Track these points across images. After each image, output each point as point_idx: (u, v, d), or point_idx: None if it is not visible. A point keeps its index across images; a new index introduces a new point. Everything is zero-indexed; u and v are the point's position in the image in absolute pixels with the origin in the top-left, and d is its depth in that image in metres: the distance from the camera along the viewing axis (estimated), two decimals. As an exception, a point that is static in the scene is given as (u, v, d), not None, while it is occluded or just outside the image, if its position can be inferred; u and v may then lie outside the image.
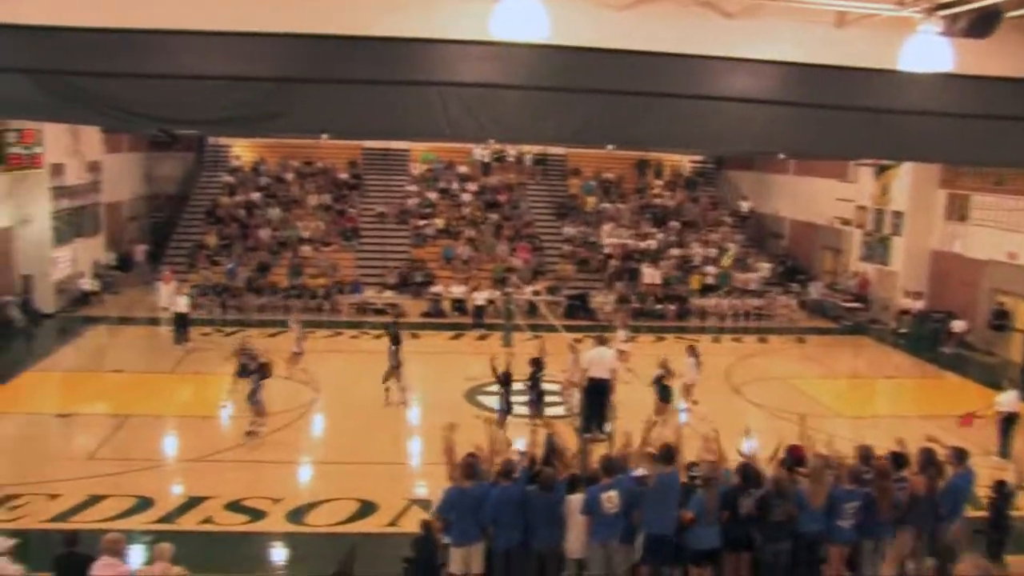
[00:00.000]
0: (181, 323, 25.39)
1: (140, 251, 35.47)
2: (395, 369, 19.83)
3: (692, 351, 19.70)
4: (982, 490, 12.43)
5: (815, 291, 34.51)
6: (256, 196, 37.36)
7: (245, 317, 29.40)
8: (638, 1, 11.59)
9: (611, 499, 10.14)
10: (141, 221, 38.96)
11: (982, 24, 10.40)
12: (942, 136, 13.35)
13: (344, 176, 39.39)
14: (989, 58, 11.79)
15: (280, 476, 15.93)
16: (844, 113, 12.80)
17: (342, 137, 30.68)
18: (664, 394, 18.51)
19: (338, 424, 19.22)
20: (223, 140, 39.71)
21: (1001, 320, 27.89)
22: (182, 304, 25.58)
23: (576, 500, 10.37)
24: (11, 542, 10.85)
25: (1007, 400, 18.29)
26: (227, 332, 26.88)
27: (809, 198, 37.66)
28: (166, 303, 27.79)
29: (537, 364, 18.44)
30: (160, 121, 13.34)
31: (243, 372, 17.85)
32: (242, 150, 40.48)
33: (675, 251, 35.75)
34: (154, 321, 28.00)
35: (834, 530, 10.71)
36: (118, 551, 9.01)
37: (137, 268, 34.65)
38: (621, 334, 22.15)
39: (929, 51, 10.78)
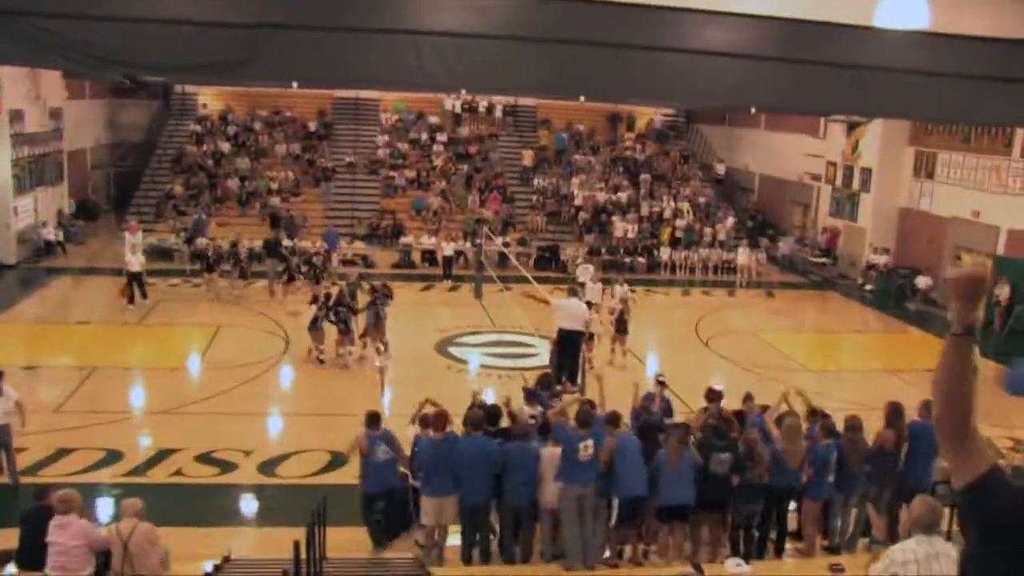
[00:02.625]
0: (136, 282, 23.69)
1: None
2: (373, 327, 19.55)
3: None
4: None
5: (785, 246, 34.70)
6: (224, 146, 36.88)
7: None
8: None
9: (588, 447, 10.17)
10: (105, 170, 38.41)
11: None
12: (916, 94, 13.36)
13: (313, 126, 38.94)
14: (963, 17, 11.78)
15: (251, 428, 15.86)
16: (818, 68, 12.76)
17: (313, 85, 30.20)
18: (620, 326, 19.80)
19: (309, 376, 19.15)
20: (190, 88, 39.01)
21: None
22: (135, 263, 23.85)
23: (550, 453, 10.40)
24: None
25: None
26: (194, 284, 26.61)
27: (779, 153, 37.68)
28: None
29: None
30: (127, 67, 13.00)
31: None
32: (209, 98, 39.78)
33: (645, 204, 35.76)
34: (120, 272, 27.67)
35: (820, 487, 10.75)
36: (70, 508, 8.62)
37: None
38: (591, 286, 22.20)
39: (905, 8, 10.74)
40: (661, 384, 12.98)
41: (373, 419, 11.12)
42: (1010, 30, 12.52)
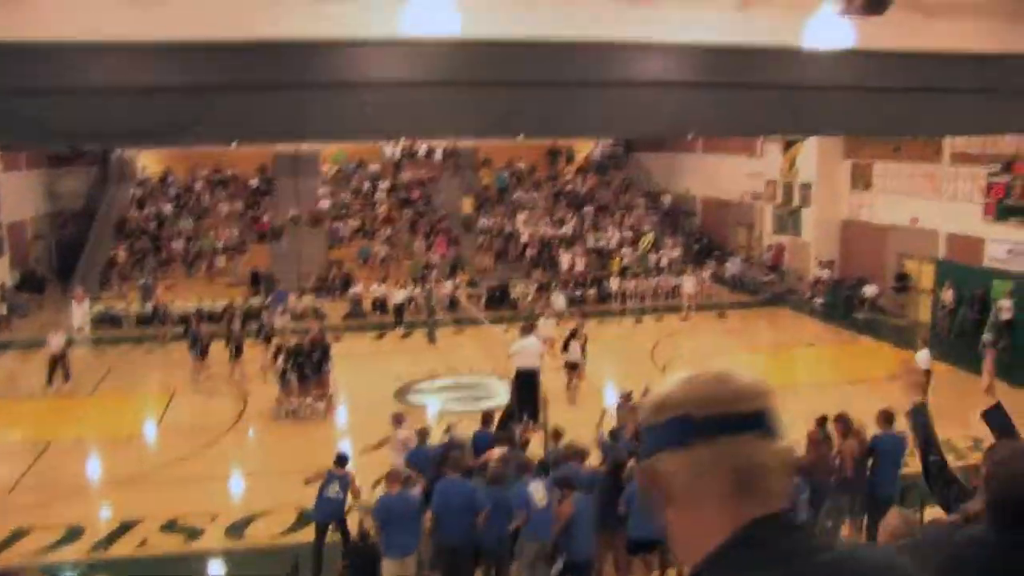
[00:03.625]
0: (59, 363, 21.87)
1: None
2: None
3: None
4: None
5: (732, 267, 35.12)
6: (166, 207, 36.60)
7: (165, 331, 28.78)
8: (544, -8, 11.65)
9: (537, 490, 10.12)
10: (47, 240, 37.89)
11: (876, 2, 10.70)
12: (845, 109, 13.76)
13: (255, 182, 38.81)
14: (885, 34, 12.13)
15: (214, 491, 15.66)
16: (752, 92, 13.08)
17: (255, 143, 30.18)
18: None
19: (269, 434, 18.94)
20: (128, 152, 38.74)
21: (903, 283, 28.87)
22: (55, 343, 21.87)
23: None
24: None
25: (921, 359, 18.88)
26: (149, 350, 26.29)
27: (719, 176, 38.24)
28: (79, 323, 27.12)
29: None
30: (71, 137, 12.96)
31: None
32: (149, 161, 39.50)
33: (591, 236, 36.06)
34: (68, 342, 27.23)
35: None
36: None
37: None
38: (545, 321, 22.30)
39: (830, 29, 11.06)
40: (626, 400, 12.99)
41: (339, 459, 12.21)
42: (932, 44, 12.93)
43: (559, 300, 25.43)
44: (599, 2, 12.18)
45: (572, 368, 19.99)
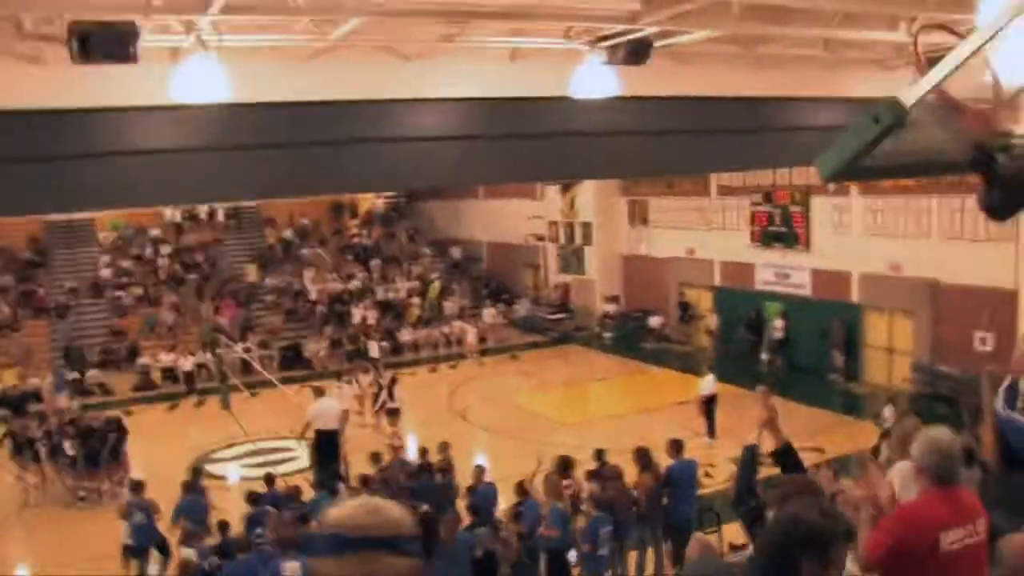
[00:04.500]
0: None
1: None
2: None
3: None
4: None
5: (522, 308, 35.76)
6: (-81, 288, 33.89)
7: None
8: (318, 52, 11.56)
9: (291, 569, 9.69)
10: None
11: (637, 53, 11.25)
12: (615, 153, 14.32)
13: (27, 254, 36.49)
14: (647, 81, 12.76)
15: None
16: (525, 141, 13.39)
17: (17, 216, 28.38)
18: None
19: (47, 523, 17.64)
20: None
21: (686, 311, 30.33)
22: None
23: None
24: None
25: (707, 384, 19.80)
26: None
27: (502, 219, 38.91)
28: None
29: None
30: None
31: None
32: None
33: (380, 288, 35.98)
34: None
35: (594, 560, 11.02)
36: None
37: None
38: (346, 388, 22.08)
39: (596, 79, 11.53)
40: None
41: (135, 486, 14.26)
42: (690, 89, 13.73)
43: (373, 348, 25.20)
44: (373, 60, 12.24)
45: (393, 414, 20.60)
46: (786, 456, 5.36)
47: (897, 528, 4.05)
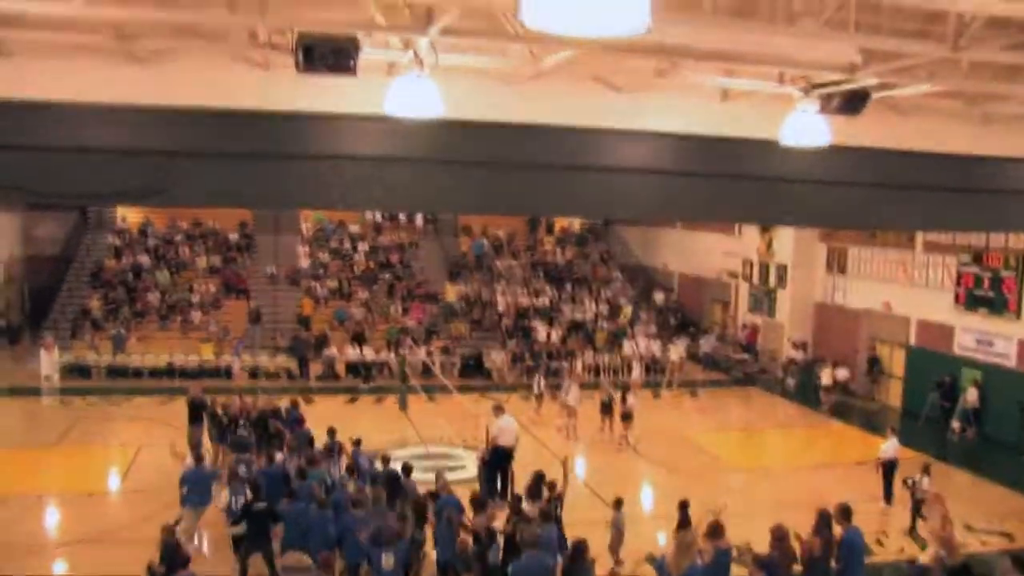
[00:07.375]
0: None
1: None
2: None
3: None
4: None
5: (706, 344, 35.22)
6: (144, 259, 36.47)
7: (135, 385, 28.53)
8: (532, 77, 11.80)
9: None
10: (20, 284, 37.55)
11: (853, 103, 10.96)
12: (821, 202, 14.00)
13: (234, 237, 38.80)
14: (860, 132, 12.40)
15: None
16: (731, 181, 13.27)
17: (232, 207, 30.12)
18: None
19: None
20: (107, 202, 38.57)
21: (875, 367, 29.12)
22: None
23: None
24: None
25: (888, 447, 18.94)
26: (114, 401, 26.04)
27: (696, 252, 38.61)
28: (47, 371, 26.93)
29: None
30: (43, 195, 12.93)
31: None
32: (128, 211, 39.40)
33: (567, 308, 36.21)
34: (35, 391, 26.97)
35: None
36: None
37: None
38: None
39: (807, 127, 11.27)
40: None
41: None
42: (905, 143, 13.25)
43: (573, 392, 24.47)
44: (585, 89, 12.40)
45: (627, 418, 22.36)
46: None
47: None
